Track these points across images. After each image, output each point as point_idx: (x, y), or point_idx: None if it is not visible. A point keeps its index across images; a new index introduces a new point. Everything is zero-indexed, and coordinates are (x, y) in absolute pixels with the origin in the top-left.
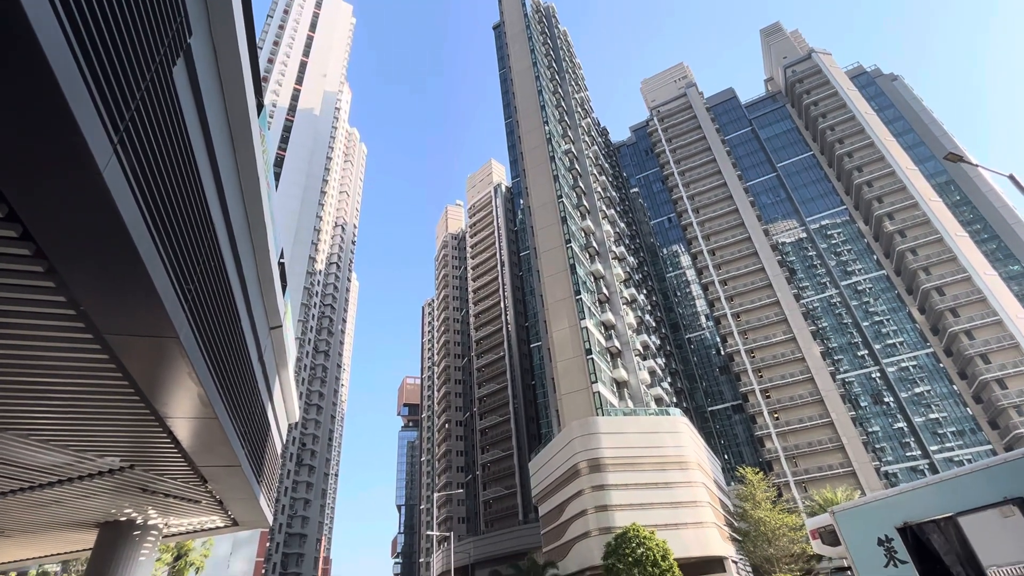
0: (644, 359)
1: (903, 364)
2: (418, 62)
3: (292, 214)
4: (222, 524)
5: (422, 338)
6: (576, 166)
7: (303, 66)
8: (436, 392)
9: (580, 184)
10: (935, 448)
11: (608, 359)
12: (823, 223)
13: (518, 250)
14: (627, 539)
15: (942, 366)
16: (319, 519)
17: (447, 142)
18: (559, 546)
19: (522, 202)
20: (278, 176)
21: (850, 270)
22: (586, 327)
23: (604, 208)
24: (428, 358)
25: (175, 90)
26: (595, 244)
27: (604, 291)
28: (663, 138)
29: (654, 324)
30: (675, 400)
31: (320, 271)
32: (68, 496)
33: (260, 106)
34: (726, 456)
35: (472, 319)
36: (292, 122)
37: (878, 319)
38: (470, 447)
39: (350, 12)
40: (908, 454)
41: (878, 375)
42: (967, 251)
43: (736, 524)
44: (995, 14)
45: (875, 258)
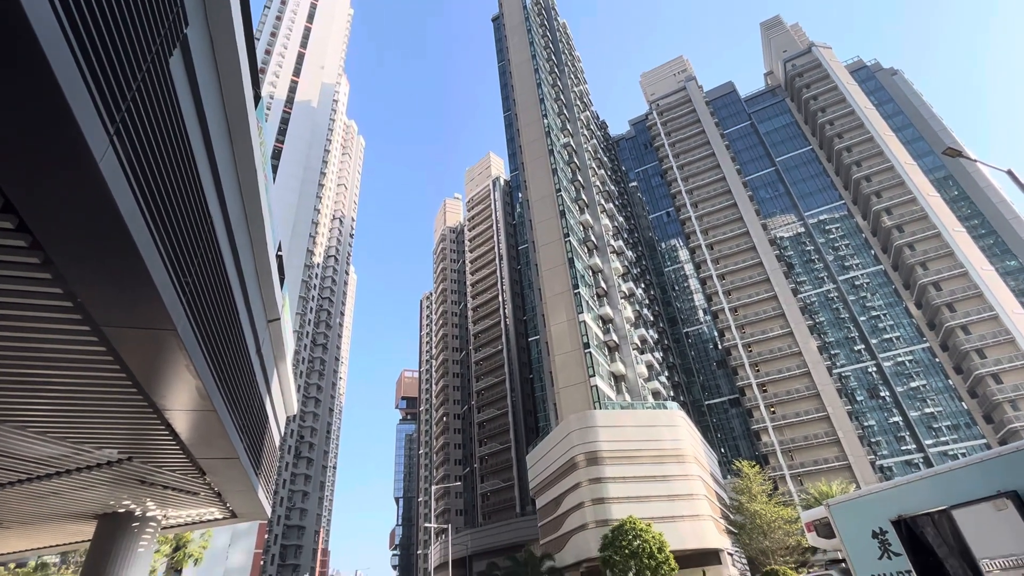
0: (642, 353)
1: (899, 359)
2: (416, 54)
3: (290, 207)
4: (221, 516)
5: (420, 331)
6: (575, 160)
7: (301, 58)
8: (434, 385)
9: (579, 178)
10: (930, 442)
11: (606, 353)
12: (821, 218)
13: (516, 244)
14: (624, 531)
15: (938, 361)
16: (317, 511)
17: (445, 135)
18: (556, 538)
19: (521, 195)
20: (276, 169)
21: (848, 265)
22: (584, 321)
23: (603, 202)
24: (426, 351)
25: (172, 81)
26: (593, 238)
27: (602, 285)
28: (662, 132)
29: (652, 318)
30: (672, 394)
31: (318, 264)
32: (66, 488)
33: (257, 98)
34: (723, 449)
35: (470, 312)
36: (290, 114)
37: (875, 314)
38: (468, 440)
39: (348, 3)
40: (903, 448)
41: (874, 370)
42: (964, 246)
43: (732, 517)
44: (995, 14)
45: (873, 253)
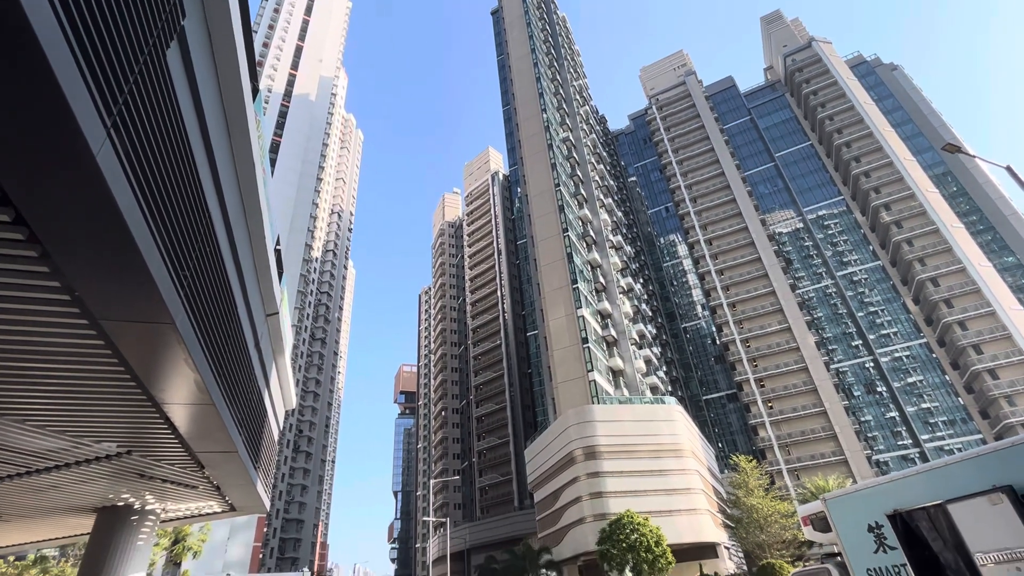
0: (640, 348)
1: (896, 354)
2: (415, 48)
3: (288, 201)
4: (220, 509)
5: (419, 326)
6: (574, 154)
7: (299, 51)
8: (433, 380)
9: (578, 172)
10: (926, 437)
11: (604, 348)
12: (820, 213)
13: (515, 238)
14: (621, 525)
15: (935, 356)
16: (316, 505)
17: (444, 129)
18: (554, 532)
19: (520, 190)
20: (274, 162)
21: (846, 260)
22: (583, 316)
23: (602, 197)
24: (425, 346)
25: (169, 73)
26: (592, 233)
27: (601, 280)
28: (661, 127)
29: (650, 313)
30: (670, 389)
31: (316, 259)
32: (65, 481)
33: (255, 91)
34: (720, 444)
35: (469, 307)
36: (288, 108)
37: (873, 310)
38: (466, 434)
39: None
40: (899, 443)
41: (872, 365)
42: (962, 242)
43: (729, 511)
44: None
45: (871, 249)
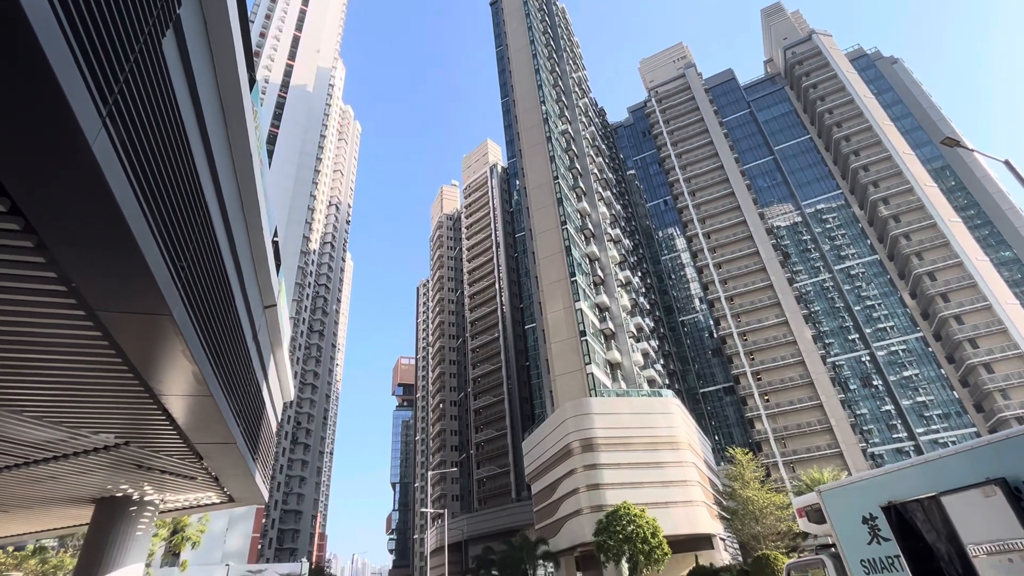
0: (638, 341)
1: (893, 348)
2: (414, 40)
3: (285, 192)
4: (218, 500)
5: (417, 319)
6: (573, 147)
7: (296, 41)
8: (431, 372)
9: (576, 165)
10: (921, 430)
11: (602, 341)
12: (818, 207)
13: (514, 231)
14: (618, 517)
15: (931, 350)
16: (314, 496)
17: (443, 121)
18: (551, 523)
19: (518, 183)
20: (271, 154)
21: (844, 254)
22: (580, 309)
23: (600, 190)
24: (423, 339)
25: (165, 62)
26: (591, 226)
27: (599, 273)
28: (661, 120)
29: (648, 306)
30: (667, 382)
31: (314, 251)
32: (63, 472)
33: (252, 81)
34: (717, 437)
35: (467, 300)
36: (285, 99)
37: (870, 303)
38: (464, 427)
39: None
40: (894, 436)
41: (868, 359)
42: (960, 237)
43: (725, 503)
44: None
45: (869, 243)
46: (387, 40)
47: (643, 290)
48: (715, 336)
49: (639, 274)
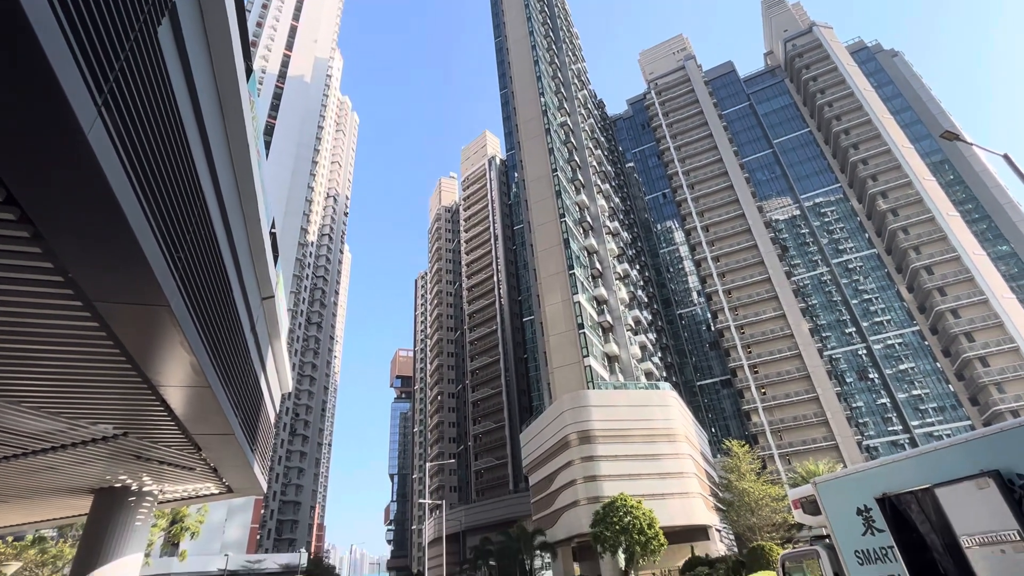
0: (635, 334)
1: (889, 341)
2: (412, 30)
3: (283, 184)
4: (217, 491)
5: (415, 311)
6: (572, 139)
7: (293, 31)
8: (429, 365)
9: (575, 158)
10: (916, 423)
11: (600, 333)
12: (817, 201)
13: (512, 223)
14: (615, 508)
15: (927, 344)
16: (313, 487)
17: (441, 113)
18: (548, 514)
19: (517, 175)
20: (268, 145)
21: (842, 248)
22: (579, 301)
23: (599, 182)
24: (421, 331)
25: (160, 51)
26: (589, 219)
27: (597, 266)
28: (660, 112)
29: (646, 299)
30: (665, 374)
31: (312, 243)
32: (62, 463)
33: (249, 70)
34: (713, 429)
35: (465, 292)
36: (282, 89)
37: (867, 297)
38: (462, 418)
39: None
40: (890, 429)
41: (864, 352)
42: (958, 231)
43: (721, 494)
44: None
45: (867, 236)
46: (385, 31)
47: (641, 283)
48: (713, 329)
49: (637, 267)
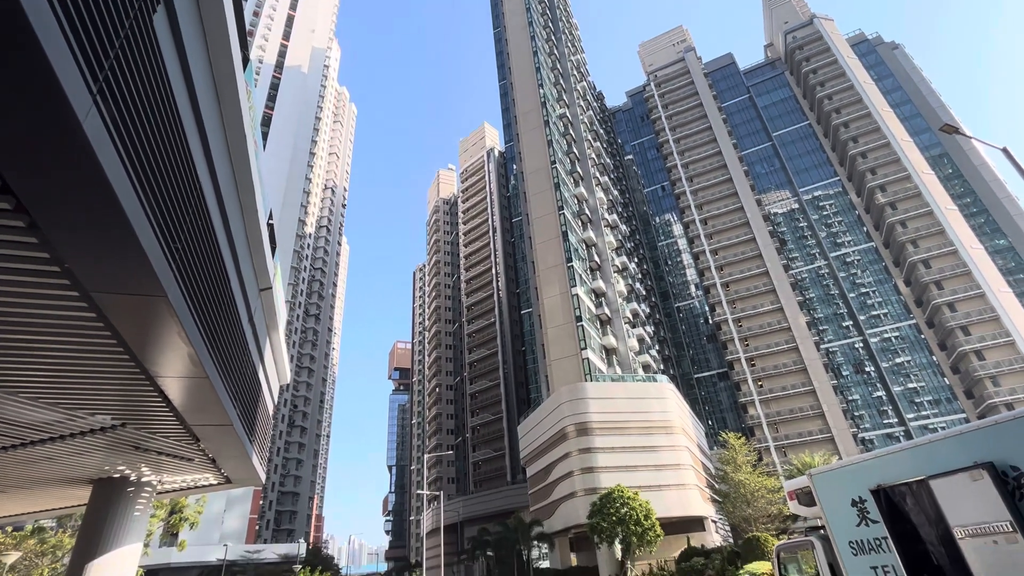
0: (633, 327)
1: (886, 335)
2: (410, 20)
3: (280, 175)
4: (215, 481)
5: (413, 303)
6: (570, 131)
7: (290, 20)
8: (427, 357)
9: (574, 150)
10: (911, 416)
11: (598, 326)
12: (816, 194)
13: (510, 216)
14: (612, 499)
15: (923, 337)
16: (311, 478)
17: (440, 104)
18: (546, 505)
19: (515, 167)
20: (265, 136)
21: (840, 241)
22: (577, 294)
23: (598, 175)
24: (419, 323)
25: (156, 39)
26: (588, 211)
27: (596, 259)
28: (659, 104)
29: (644, 292)
30: (662, 367)
31: (310, 234)
32: (60, 453)
33: (246, 60)
34: (710, 422)
35: (463, 285)
36: (279, 80)
37: (864, 290)
38: (460, 410)
39: None
40: (885, 421)
41: (861, 345)
42: (956, 224)
43: (717, 486)
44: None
45: (865, 230)
46: (383, 22)
47: (639, 276)
48: (710, 322)
49: (635, 260)
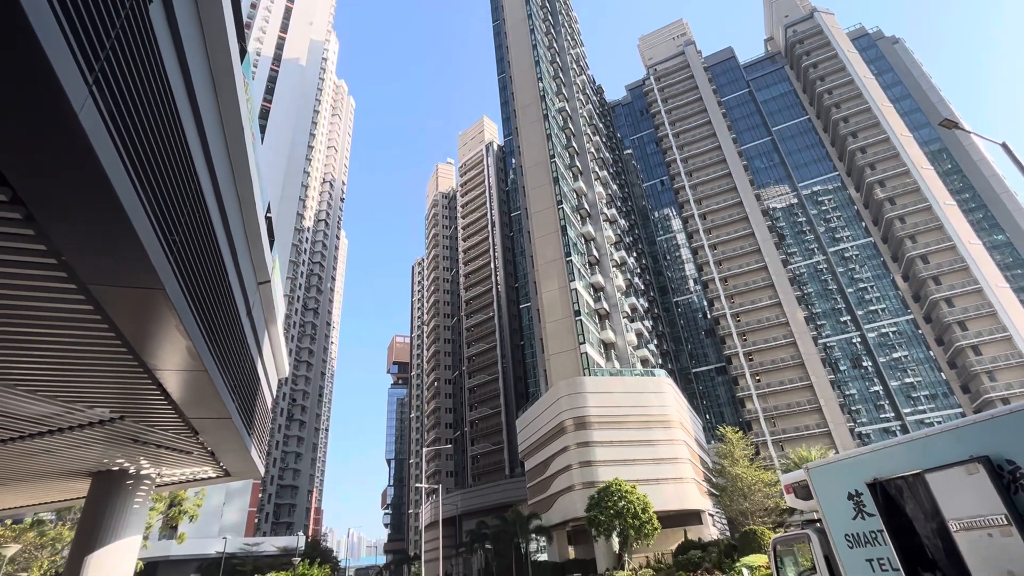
0: (632, 321)
1: (883, 330)
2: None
3: (278, 168)
4: (214, 474)
5: (412, 297)
6: (570, 125)
7: (288, 12)
8: (426, 351)
9: (573, 144)
10: (908, 411)
11: (596, 320)
12: (815, 189)
13: (509, 210)
14: (609, 492)
15: (921, 332)
16: (310, 472)
17: (439, 98)
18: (544, 499)
19: (514, 161)
20: (263, 129)
21: (838, 237)
22: (575, 289)
23: (597, 169)
24: (418, 317)
25: (152, 30)
26: (587, 206)
27: (594, 253)
28: (659, 98)
29: (643, 287)
30: (660, 362)
31: (308, 228)
32: (59, 446)
33: (243, 52)
34: (708, 416)
35: (462, 279)
36: (277, 72)
37: (862, 286)
38: (459, 404)
39: None
40: (882, 416)
41: (859, 340)
42: (954, 220)
43: (714, 480)
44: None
45: (863, 225)
46: (381, 15)
47: (638, 270)
48: (709, 317)
49: (634, 254)
